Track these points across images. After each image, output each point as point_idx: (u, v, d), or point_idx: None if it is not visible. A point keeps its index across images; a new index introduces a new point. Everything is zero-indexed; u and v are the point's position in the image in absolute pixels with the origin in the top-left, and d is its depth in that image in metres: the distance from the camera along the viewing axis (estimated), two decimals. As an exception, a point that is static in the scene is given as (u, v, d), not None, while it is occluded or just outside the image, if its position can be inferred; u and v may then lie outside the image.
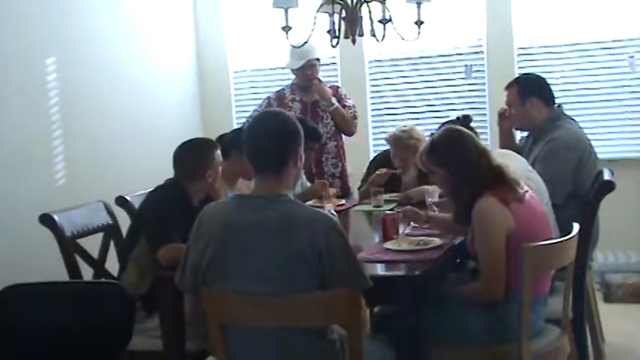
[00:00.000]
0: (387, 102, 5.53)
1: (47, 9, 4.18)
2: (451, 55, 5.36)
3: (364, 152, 5.32)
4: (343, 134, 4.64)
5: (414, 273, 2.51)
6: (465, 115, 3.21)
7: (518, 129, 3.92)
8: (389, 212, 3.18)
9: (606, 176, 3.21)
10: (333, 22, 3.44)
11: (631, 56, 5.01)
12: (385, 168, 4.18)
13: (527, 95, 3.59)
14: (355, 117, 4.64)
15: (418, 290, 2.50)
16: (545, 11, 5.13)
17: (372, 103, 5.52)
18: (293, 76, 4.64)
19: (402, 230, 3.09)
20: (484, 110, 5.21)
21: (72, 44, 4.38)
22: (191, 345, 2.81)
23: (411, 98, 5.45)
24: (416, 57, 5.40)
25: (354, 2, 3.35)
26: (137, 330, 2.56)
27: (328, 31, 3.52)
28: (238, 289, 2.11)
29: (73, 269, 3.03)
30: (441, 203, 3.35)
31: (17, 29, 3.95)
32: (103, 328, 2.03)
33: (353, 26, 3.38)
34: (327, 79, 4.95)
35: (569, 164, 3.33)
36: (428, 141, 2.79)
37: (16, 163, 3.85)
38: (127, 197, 3.46)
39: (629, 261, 4.90)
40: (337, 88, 4.69)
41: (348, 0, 3.35)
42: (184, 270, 2.25)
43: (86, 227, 3.19)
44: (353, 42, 3.45)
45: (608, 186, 3.08)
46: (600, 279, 4.68)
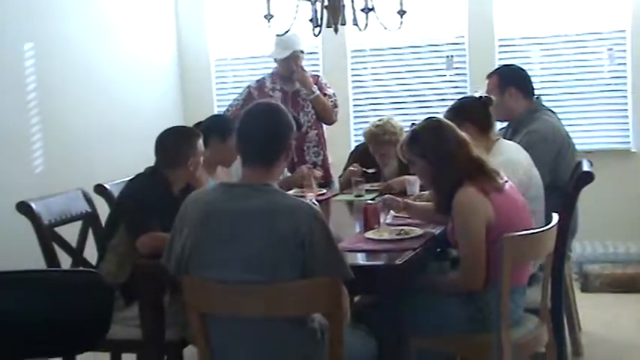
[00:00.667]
0: (369, 92, 5.54)
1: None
2: (433, 46, 5.37)
3: (345, 142, 5.33)
4: (324, 123, 4.63)
5: (395, 262, 2.50)
6: (487, 97, 3.18)
7: (497, 120, 3.93)
8: (370, 202, 3.18)
9: (585, 167, 3.23)
10: (316, 11, 3.42)
11: (610, 48, 5.06)
12: (365, 161, 4.18)
13: (506, 85, 3.61)
14: (336, 105, 4.63)
15: (399, 280, 2.50)
16: (526, 2, 5.16)
17: (354, 93, 5.52)
18: (275, 65, 4.62)
19: (383, 220, 3.10)
20: (465, 101, 5.22)
21: (50, 30, 4.31)
22: (170, 334, 2.80)
23: (393, 88, 5.46)
24: (397, 47, 5.40)
25: (337, -9, 3.34)
26: (116, 319, 2.55)
27: (310, 20, 3.50)
28: (219, 278, 2.10)
29: (51, 258, 3.00)
30: (421, 197, 3.38)
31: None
32: (81, 317, 2.01)
33: (335, 15, 3.37)
34: (309, 69, 4.92)
35: (546, 156, 3.35)
36: (408, 131, 2.79)
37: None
38: (106, 185, 3.43)
39: (606, 251, 4.96)
40: (317, 78, 4.68)
41: (331, -12, 3.34)
42: (170, 256, 2.24)
43: (64, 215, 3.16)
44: (335, 31, 3.44)
45: (587, 177, 3.10)
46: (578, 269, 4.73)
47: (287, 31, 3.46)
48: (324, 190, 4.12)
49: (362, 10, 3.40)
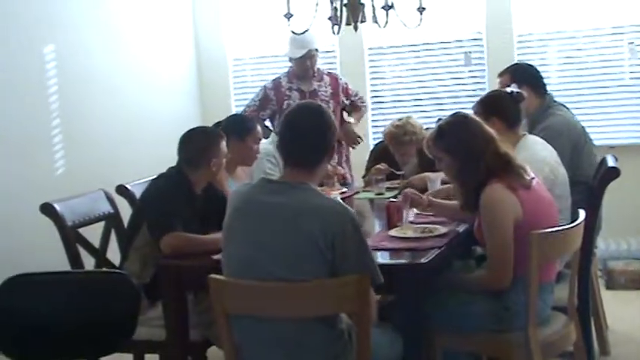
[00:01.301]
0: (386, 90, 5.51)
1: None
2: (451, 42, 5.34)
3: (363, 141, 5.30)
4: None
5: (420, 261, 2.48)
6: (518, 92, 3.15)
7: None
8: (393, 200, 3.16)
9: (610, 163, 3.19)
10: (335, 9, 3.40)
11: (631, 42, 5.00)
12: (385, 160, 4.16)
13: (518, 83, 3.58)
14: (363, 102, 4.74)
15: (424, 278, 2.48)
16: (545, -2, 5.12)
17: (372, 91, 5.50)
18: (290, 64, 4.60)
19: (406, 218, 3.07)
20: (484, 97, 5.18)
21: (71, 32, 4.33)
22: (194, 334, 2.80)
23: (411, 86, 5.43)
24: (415, 44, 5.37)
25: (357, -12, 3.32)
26: (140, 319, 2.53)
27: (329, 18, 3.48)
28: (253, 274, 2.10)
29: (75, 259, 3.00)
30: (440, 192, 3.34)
31: (15, 16, 3.90)
32: (109, 318, 2.01)
33: (355, 13, 3.35)
34: (326, 68, 4.91)
35: (563, 151, 3.31)
36: (434, 127, 2.76)
37: (16, 152, 3.81)
38: (128, 186, 3.43)
39: (630, 248, 4.90)
40: (337, 79, 4.63)
41: (351, -14, 3.32)
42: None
43: (87, 216, 3.16)
44: (355, 29, 3.42)
45: (612, 173, 3.06)
46: (602, 266, 4.68)
47: (306, 30, 3.45)
48: (345, 189, 4.10)
49: (382, 8, 3.38)
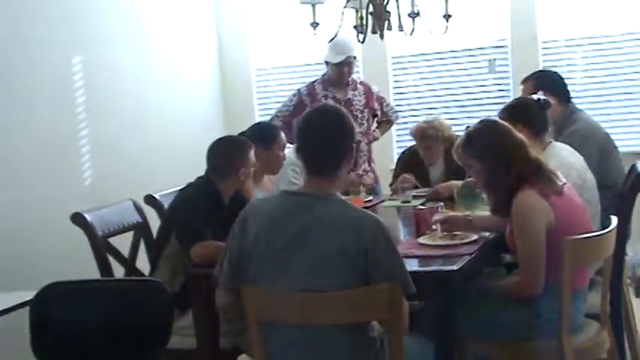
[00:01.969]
0: (410, 97, 5.52)
1: (72, 8, 4.18)
2: (474, 49, 5.33)
3: (388, 149, 5.31)
4: None
5: (452, 268, 2.47)
6: (546, 101, 3.12)
7: None
8: (421, 207, 3.15)
9: (640, 169, 3.16)
10: (361, 18, 3.41)
11: (658, 48, 4.96)
12: (411, 168, 4.15)
13: (543, 91, 3.54)
14: (395, 111, 4.77)
15: (455, 286, 2.47)
16: (568, 3, 5.08)
17: (395, 100, 5.49)
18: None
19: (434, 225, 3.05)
20: (509, 104, 5.16)
21: (97, 44, 4.38)
22: (224, 343, 2.80)
23: (435, 93, 5.42)
24: (439, 52, 5.36)
25: (383, -4, 3.33)
26: (171, 328, 2.55)
27: (355, 27, 3.49)
28: (280, 287, 2.09)
29: (105, 268, 3.02)
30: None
31: (44, 28, 3.95)
32: (143, 326, 2.02)
33: (381, 21, 3.35)
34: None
35: (591, 155, 3.29)
36: (463, 134, 2.75)
37: (45, 162, 3.86)
38: (156, 196, 3.45)
39: (658, 255, 4.83)
40: (370, 88, 4.62)
41: (376, -6, 3.33)
42: (222, 265, 2.23)
43: (117, 226, 3.18)
44: (381, 37, 3.42)
45: (644, 179, 3.03)
46: (631, 273, 4.62)
47: (334, 37, 3.45)
48: (371, 197, 4.10)
49: (409, 15, 3.38)
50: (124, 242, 3.25)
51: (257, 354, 2.22)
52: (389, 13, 3.37)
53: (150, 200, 3.45)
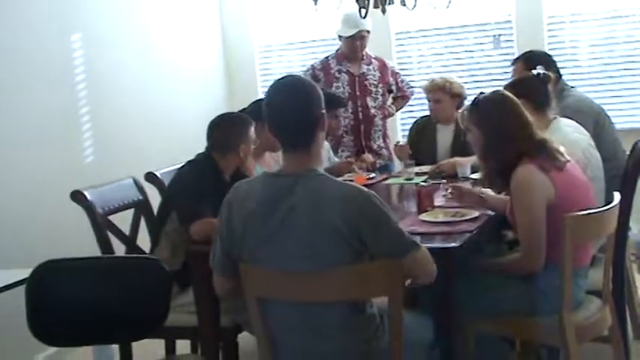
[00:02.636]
0: (414, 74, 5.46)
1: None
2: (479, 25, 5.27)
3: (391, 125, 5.26)
4: None
5: (452, 245, 2.46)
6: (546, 74, 3.10)
7: None
8: (423, 184, 3.13)
9: (644, 145, 3.13)
10: (363, -8, 3.37)
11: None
12: (422, 136, 4.19)
13: (532, 71, 3.53)
14: (410, 87, 4.73)
15: (456, 262, 2.45)
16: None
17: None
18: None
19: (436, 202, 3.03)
20: (513, 81, 5.12)
21: (97, 20, 4.34)
22: (225, 320, 2.80)
23: (439, 70, 5.36)
24: (442, 27, 5.31)
25: (385, -29, 3.29)
26: (171, 306, 2.54)
27: (357, 1, 3.45)
28: (276, 269, 2.08)
29: (105, 246, 3.01)
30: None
31: (42, 4, 3.91)
32: (141, 303, 2.01)
33: (383, -5, 3.32)
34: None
35: (586, 128, 3.27)
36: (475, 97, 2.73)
37: (46, 141, 3.84)
38: (157, 173, 3.44)
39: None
40: (385, 63, 4.61)
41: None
42: (215, 252, 2.22)
43: (117, 203, 3.16)
44: (383, 12, 3.39)
45: (647, 156, 3.00)
46: (635, 250, 4.60)
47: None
48: (373, 175, 4.08)
49: (410, -11, 3.34)
50: (126, 220, 3.24)
51: (257, 331, 2.22)
52: (391, -12, 3.33)
53: (151, 177, 3.44)
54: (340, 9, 3.43)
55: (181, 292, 2.96)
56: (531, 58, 3.70)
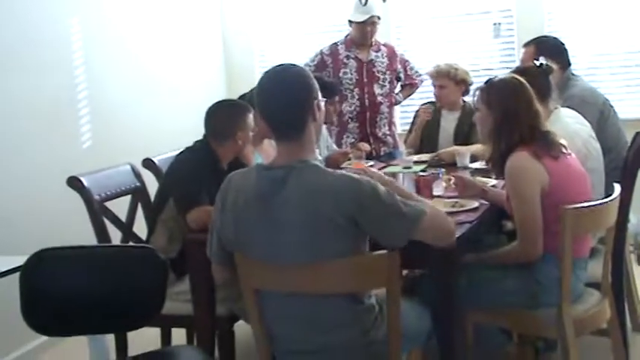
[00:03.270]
0: (414, 62, 5.41)
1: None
2: (479, 14, 5.24)
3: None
4: None
5: (451, 235, 2.43)
6: (548, 66, 3.09)
7: None
8: (422, 173, 3.11)
9: (644, 137, 3.11)
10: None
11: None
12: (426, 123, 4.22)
13: (545, 56, 3.52)
14: (419, 75, 4.69)
15: (455, 253, 2.43)
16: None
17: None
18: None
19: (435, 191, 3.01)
20: (513, 70, 5.09)
21: (95, 5, 4.30)
22: (221, 309, 2.79)
23: (439, 59, 5.32)
24: (443, 16, 5.27)
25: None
26: (167, 294, 2.52)
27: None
28: (271, 262, 2.06)
29: (102, 232, 3.00)
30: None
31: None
32: (136, 292, 2.00)
33: (384, -17, 3.28)
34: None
35: (590, 118, 3.25)
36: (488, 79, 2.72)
37: (42, 126, 3.81)
38: (154, 159, 3.41)
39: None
40: (394, 50, 4.59)
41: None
42: (212, 242, 2.20)
43: (114, 190, 3.14)
44: (383, 0, 3.35)
45: (648, 148, 2.99)
46: (633, 241, 4.60)
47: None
48: (372, 162, 4.06)
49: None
50: (123, 207, 3.22)
51: (253, 321, 2.20)
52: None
53: (148, 164, 3.42)
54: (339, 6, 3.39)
55: (178, 280, 2.94)
56: (544, 43, 3.68)
